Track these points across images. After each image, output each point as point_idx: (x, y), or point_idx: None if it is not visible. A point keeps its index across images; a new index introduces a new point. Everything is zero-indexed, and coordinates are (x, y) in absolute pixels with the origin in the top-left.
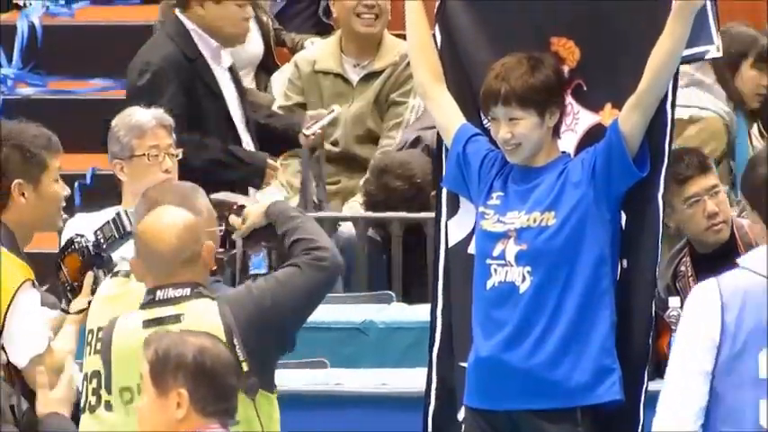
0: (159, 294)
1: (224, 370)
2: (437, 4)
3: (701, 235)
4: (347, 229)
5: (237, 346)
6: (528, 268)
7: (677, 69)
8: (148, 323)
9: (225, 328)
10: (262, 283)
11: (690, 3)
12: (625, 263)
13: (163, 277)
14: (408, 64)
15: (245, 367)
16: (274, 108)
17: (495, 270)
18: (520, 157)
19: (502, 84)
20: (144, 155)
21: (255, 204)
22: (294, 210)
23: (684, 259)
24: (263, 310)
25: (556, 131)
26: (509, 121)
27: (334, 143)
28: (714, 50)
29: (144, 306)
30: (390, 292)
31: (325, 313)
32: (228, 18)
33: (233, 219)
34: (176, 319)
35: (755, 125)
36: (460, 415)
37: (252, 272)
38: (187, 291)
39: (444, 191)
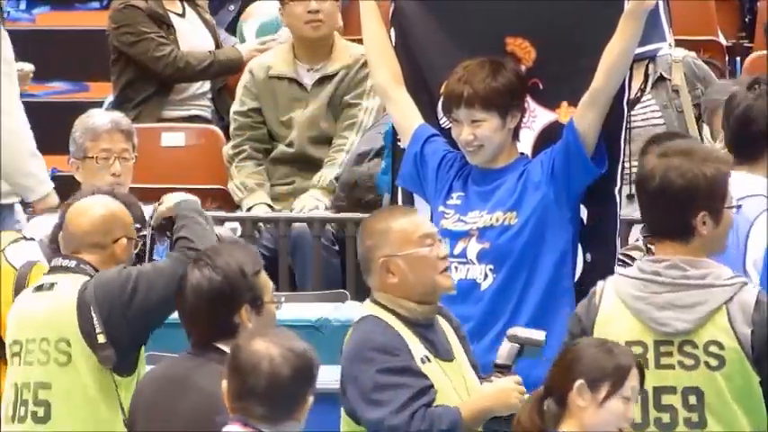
0: (55, 261)
1: (247, 370)
2: (391, 6)
3: None
4: (302, 228)
5: (95, 319)
6: (491, 266)
7: (631, 67)
8: (35, 288)
9: (79, 302)
10: (133, 269)
11: (641, 3)
12: (588, 257)
13: (70, 250)
14: (361, 66)
15: (101, 339)
16: (231, 113)
17: (456, 267)
18: (481, 159)
19: (465, 86)
20: (94, 157)
21: (171, 195)
22: (197, 210)
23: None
24: (124, 291)
25: (515, 134)
26: (471, 123)
27: (289, 144)
28: (667, 47)
29: (47, 273)
30: (345, 291)
31: (280, 311)
32: None
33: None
34: (50, 287)
35: (706, 127)
36: None
37: (155, 258)
38: (73, 263)
39: (399, 190)
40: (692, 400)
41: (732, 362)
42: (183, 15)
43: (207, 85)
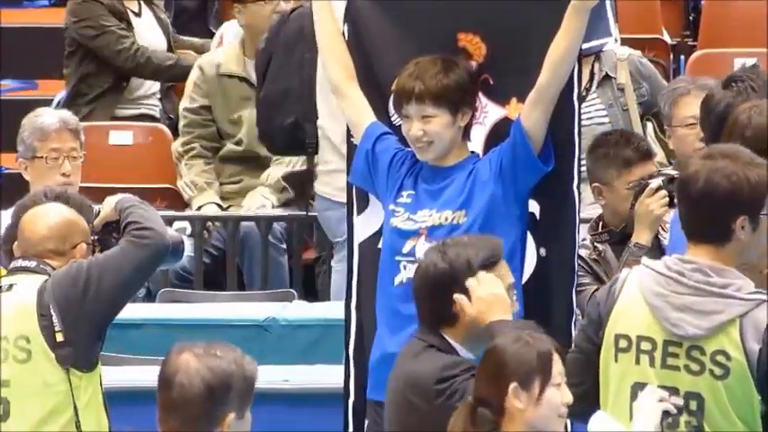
0: (14, 263)
1: (165, 382)
2: (344, 3)
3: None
4: (250, 227)
5: (54, 317)
6: None
7: (579, 62)
8: None
9: (38, 301)
10: (83, 261)
11: (585, 2)
12: (543, 251)
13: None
14: None
15: (59, 338)
16: (180, 109)
17: (405, 266)
18: (431, 156)
19: (416, 82)
20: (43, 157)
21: (107, 199)
22: (135, 201)
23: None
24: (77, 284)
25: (466, 133)
26: (422, 118)
27: (238, 143)
28: (612, 43)
29: (5, 275)
30: (292, 290)
31: (228, 311)
32: None
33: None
34: (9, 288)
35: (649, 125)
36: None
37: None
38: (33, 263)
39: (354, 188)
40: (693, 405)
41: (736, 375)
42: (139, 15)
43: (157, 86)
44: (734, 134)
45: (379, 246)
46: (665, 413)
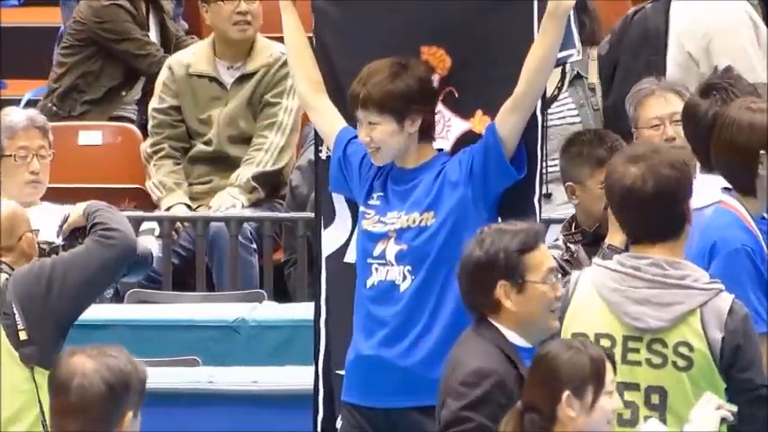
0: None
1: (60, 386)
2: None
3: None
4: (219, 227)
5: (17, 316)
6: (408, 267)
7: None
8: None
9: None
10: (47, 259)
11: (560, 4)
12: None
13: None
14: (282, 65)
15: (22, 336)
16: (150, 110)
17: (376, 269)
18: (381, 161)
19: (362, 88)
20: (12, 155)
21: (78, 204)
22: (104, 206)
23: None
24: (41, 282)
25: (428, 135)
26: (368, 124)
27: (207, 143)
28: (576, 54)
29: None
30: (262, 291)
31: (197, 311)
32: None
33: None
34: None
35: None
36: (339, 423)
37: None
38: None
39: (323, 201)
40: (655, 399)
41: (700, 365)
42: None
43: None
44: (720, 132)
45: (345, 259)
46: (723, 420)
